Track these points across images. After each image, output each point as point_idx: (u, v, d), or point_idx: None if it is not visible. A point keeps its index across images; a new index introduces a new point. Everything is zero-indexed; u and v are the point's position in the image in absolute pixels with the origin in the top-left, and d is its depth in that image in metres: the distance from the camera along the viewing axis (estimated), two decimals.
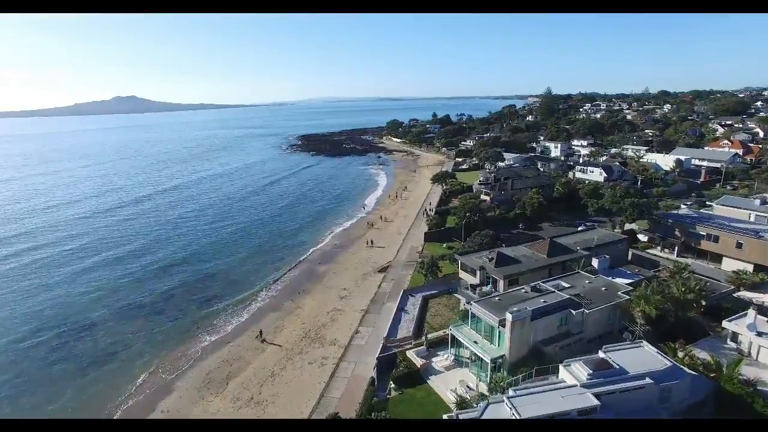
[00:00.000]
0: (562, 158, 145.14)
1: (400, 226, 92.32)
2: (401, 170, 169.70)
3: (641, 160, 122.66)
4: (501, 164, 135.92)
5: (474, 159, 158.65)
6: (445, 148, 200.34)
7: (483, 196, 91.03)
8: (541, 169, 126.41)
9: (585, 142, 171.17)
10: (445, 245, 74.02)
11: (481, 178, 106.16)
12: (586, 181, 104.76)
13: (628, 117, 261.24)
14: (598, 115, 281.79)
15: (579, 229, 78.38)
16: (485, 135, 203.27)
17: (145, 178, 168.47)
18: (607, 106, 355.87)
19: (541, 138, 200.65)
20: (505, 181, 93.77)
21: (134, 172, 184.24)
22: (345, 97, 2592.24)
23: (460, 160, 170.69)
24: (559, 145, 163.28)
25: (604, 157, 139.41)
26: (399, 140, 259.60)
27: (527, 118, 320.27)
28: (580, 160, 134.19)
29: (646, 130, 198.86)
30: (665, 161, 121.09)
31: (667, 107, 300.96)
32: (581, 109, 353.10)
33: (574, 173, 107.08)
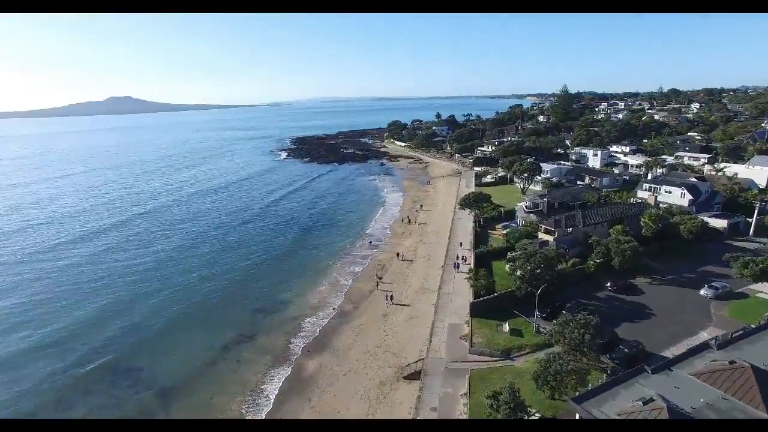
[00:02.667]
0: (615, 171, 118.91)
1: (425, 276, 65.69)
2: (411, 182, 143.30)
3: (720, 173, 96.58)
4: (538, 178, 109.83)
5: (500, 170, 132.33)
6: (458, 155, 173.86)
7: (542, 235, 64.51)
8: (593, 186, 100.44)
9: (626, 149, 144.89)
10: (506, 327, 47.27)
11: (527, 203, 79.78)
12: (662, 205, 78.84)
13: (656, 117, 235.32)
14: (620, 116, 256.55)
15: (703, 293, 52.37)
16: (505, 139, 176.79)
17: (111, 198, 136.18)
18: (625, 105, 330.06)
19: (568, 142, 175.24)
20: (570, 212, 67.03)
21: (101, 189, 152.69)
22: (341, 96, 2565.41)
23: (480, 169, 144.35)
24: (599, 153, 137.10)
25: (661, 170, 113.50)
26: (403, 144, 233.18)
27: (538, 119, 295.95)
28: (647, 174, 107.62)
29: (690, 133, 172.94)
30: (752, 175, 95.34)
31: (695, 106, 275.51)
32: (597, 109, 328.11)
33: (656, 196, 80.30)
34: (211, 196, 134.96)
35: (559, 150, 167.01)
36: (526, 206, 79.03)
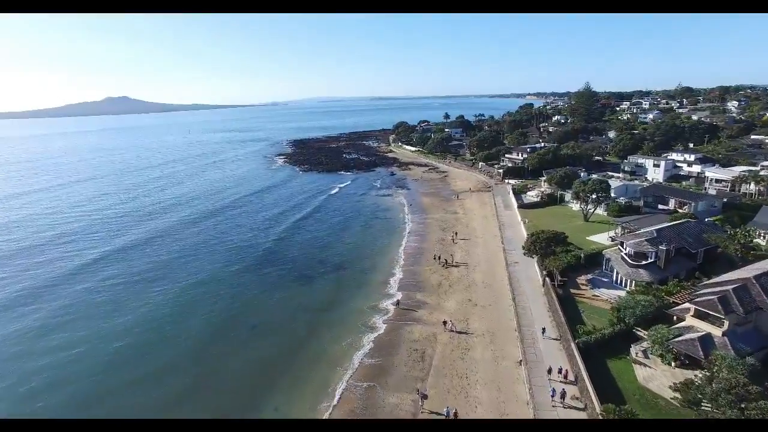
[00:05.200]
0: (712, 192, 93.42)
1: (498, 383, 40.27)
2: (432, 198, 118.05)
3: None
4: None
5: (543, 185, 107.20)
6: (483, 163, 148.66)
7: (693, 321, 39.24)
8: (692, 213, 75.31)
9: (690, 157, 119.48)
10: None
11: (628, 249, 54.50)
12: None
13: (694, 117, 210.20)
14: (650, 116, 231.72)
15: None
16: (536, 145, 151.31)
17: (68, 228, 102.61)
18: (650, 104, 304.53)
19: (609, 147, 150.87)
20: (741, 292, 41.13)
21: (61, 214, 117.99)
22: (339, 96, 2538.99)
23: (514, 182, 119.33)
24: (661, 164, 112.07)
25: (758, 187, 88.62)
26: (413, 149, 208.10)
27: (554, 119, 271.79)
28: (739, 191, 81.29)
29: (754, 135, 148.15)
30: None
31: (733, 104, 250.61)
32: (618, 109, 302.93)
33: None
34: (196, 227, 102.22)
35: (598, 158, 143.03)
36: (628, 255, 53.77)
